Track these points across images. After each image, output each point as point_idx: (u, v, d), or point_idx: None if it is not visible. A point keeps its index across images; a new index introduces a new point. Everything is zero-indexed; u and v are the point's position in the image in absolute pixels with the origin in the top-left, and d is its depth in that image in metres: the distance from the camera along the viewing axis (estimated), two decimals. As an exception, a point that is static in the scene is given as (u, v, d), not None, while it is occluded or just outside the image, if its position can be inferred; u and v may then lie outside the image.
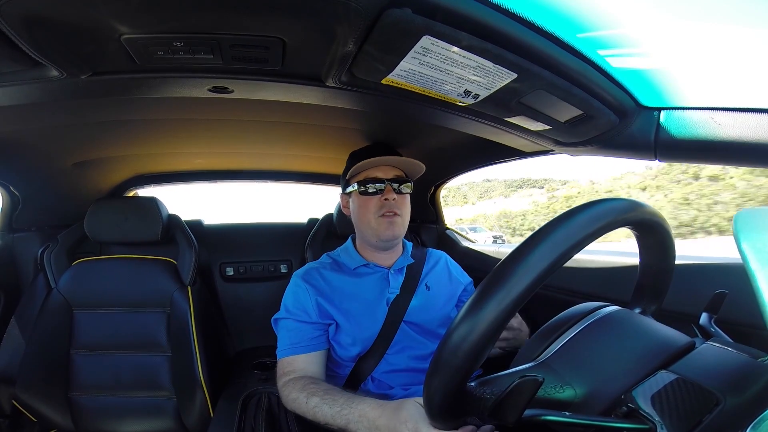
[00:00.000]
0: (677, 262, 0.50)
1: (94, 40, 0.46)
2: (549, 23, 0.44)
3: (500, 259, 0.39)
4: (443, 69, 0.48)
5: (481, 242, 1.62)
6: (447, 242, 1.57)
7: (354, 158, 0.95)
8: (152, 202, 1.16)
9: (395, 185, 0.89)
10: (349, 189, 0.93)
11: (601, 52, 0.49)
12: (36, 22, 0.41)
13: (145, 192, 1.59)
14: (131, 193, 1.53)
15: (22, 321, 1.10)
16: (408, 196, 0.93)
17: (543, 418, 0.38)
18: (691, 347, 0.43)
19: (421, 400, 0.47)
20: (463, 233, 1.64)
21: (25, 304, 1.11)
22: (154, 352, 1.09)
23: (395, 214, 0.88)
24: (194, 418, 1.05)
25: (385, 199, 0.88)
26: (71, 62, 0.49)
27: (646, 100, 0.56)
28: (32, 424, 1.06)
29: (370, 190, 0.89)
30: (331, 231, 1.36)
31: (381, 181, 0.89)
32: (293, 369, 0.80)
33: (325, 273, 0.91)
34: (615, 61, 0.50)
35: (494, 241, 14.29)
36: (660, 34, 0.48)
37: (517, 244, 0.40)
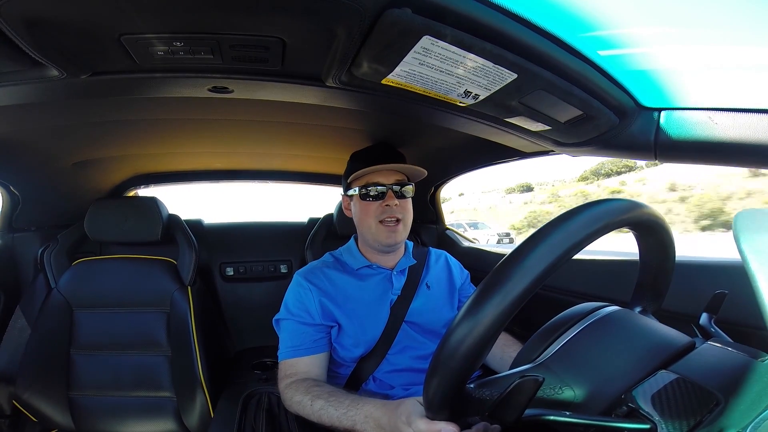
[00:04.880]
0: (677, 261, 0.50)
1: (94, 40, 0.46)
2: (549, 23, 0.44)
3: (500, 259, 0.39)
4: (443, 69, 0.48)
5: (483, 241, 1.61)
6: (447, 242, 1.57)
7: (355, 160, 0.95)
8: (152, 202, 1.16)
9: (397, 188, 0.89)
10: (351, 192, 0.92)
11: (601, 53, 0.49)
12: (36, 21, 0.41)
13: (145, 192, 1.59)
14: (131, 193, 1.53)
15: (22, 321, 1.09)
16: (410, 199, 0.92)
17: (543, 417, 0.38)
18: (691, 347, 0.43)
19: (421, 398, 0.48)
20: (461, 230, 1.64)
21: (25, 304, 1.11)
22: (154, 352, 1.09)
23: (397, 220, 0.88)
24: (195, 418, 1.05)
25: (386, 205, 0.87)
26: (71, 62, 0.49)
27: (646, 101, 0.56)
28: (33, 423, 1.06)
29: (371, 194, 0.88)
30: (332, 231, 1.36)
31: (382, 185, 0.88)
32: (295, 371, 0.79)
33: (329, 272, 0.91)
34: (615, 62, 0.50)
35: (499, 241, 13.32)
36: (660, 34, 0.48)
37: (516, 245, 0.40)
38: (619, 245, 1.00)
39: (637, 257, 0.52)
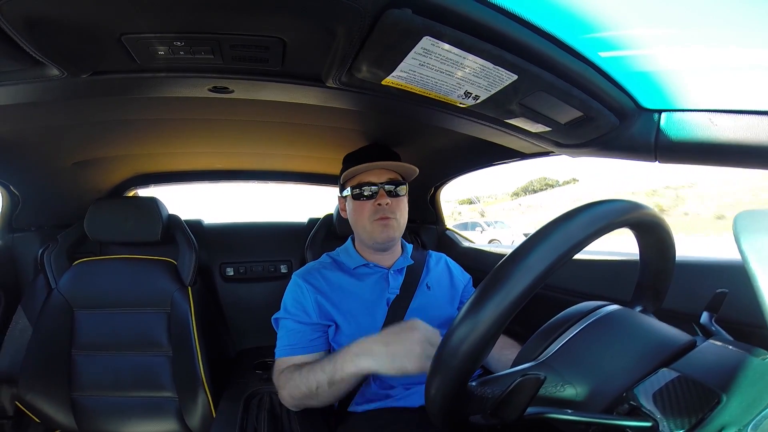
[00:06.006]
0: (677, 261, 0.50)
1: (94, 40, 0.46)
2: (549, 24, 0.44)
3: (500, 259, 0.39)
4: (443, 70, 0.48)
5: (508, 242, 1.60)
6: (447, 243, 1.57)
7: (348, 161, 0.95)
8: (152, 202, 1.16)
9: (389, 187, 0.89)
10: (345, 193, 0.93)
11: (602, 54, 0.49)
12: (37, 21, 0.41)
13: (145, 192, 1.59)
14: (131, 193, 1.53)
15: (23, 321, 1.09)
16: (404, 197, 0.92)
17: (545, 416, 0.39)
18: (692, 345, 0.43)
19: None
20: (478, 230, 1.63)
21: (25, 305, 1.11)
22: (155, 352, 1.09)
23: (389, 218, 0.88)
24: (197, 419, 1.05)
25: (378, 204, 0.88)
26: (72, 61, 0.49)
27: (646, 102, 0.56)
28: (35, 424, 1.06)
29: (364, 194, 0.89)
30: (331, 231, 1.36)
31: (374, 184, 0.88)
32: (288, 367, 0.80)
33: (326, 272, 0.91)
34: (615, 63, 0.50)
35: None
36: (660, 36, 0.48)
37: (516, 245, 0.40)
38: (619, 245, 1.00)
39: (637, 257, 0.52)
